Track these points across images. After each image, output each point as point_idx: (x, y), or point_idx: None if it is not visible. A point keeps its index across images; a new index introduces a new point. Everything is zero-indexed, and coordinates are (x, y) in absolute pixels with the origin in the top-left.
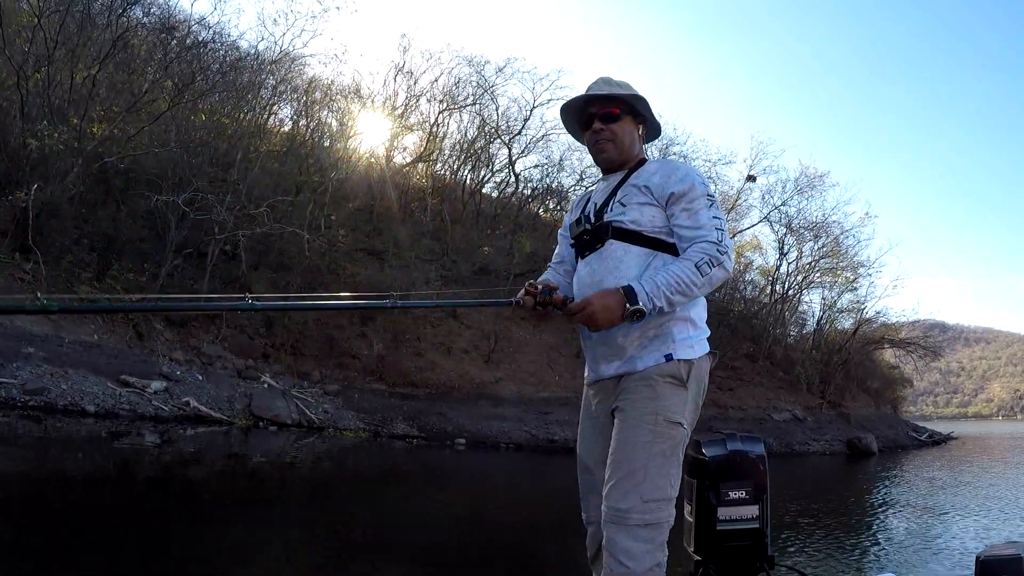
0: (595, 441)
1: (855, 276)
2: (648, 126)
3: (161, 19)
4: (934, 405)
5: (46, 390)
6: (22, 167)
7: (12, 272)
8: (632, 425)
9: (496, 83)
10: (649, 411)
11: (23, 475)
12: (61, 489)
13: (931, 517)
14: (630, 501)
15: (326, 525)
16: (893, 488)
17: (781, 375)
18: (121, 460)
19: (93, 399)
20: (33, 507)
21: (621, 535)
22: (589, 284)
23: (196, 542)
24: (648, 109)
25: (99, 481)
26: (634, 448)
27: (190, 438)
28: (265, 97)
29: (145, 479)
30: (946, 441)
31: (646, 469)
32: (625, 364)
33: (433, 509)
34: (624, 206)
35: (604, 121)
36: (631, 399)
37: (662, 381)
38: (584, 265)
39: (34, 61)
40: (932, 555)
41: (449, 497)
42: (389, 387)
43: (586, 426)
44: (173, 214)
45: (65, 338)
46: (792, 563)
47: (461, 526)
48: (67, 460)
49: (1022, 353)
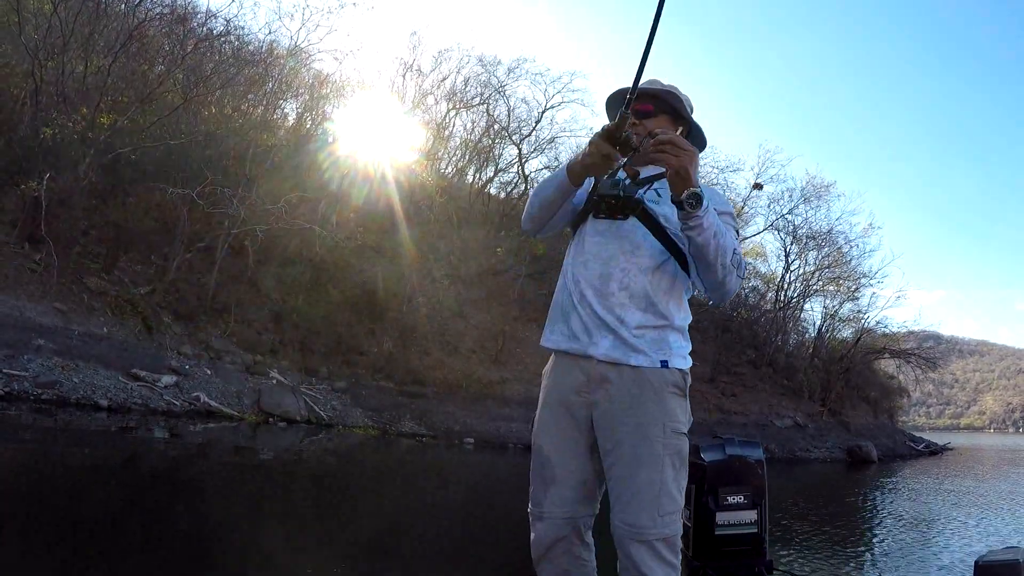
0: (562, 428)
1: (856, 286)
2: (692, 133)
3: (173, 8)
4: (927, 416)
5: (58, 383)
6: (34, 156)
7: (21, 262)
8: (643, 437)
9: (507, 82)
10: (658, 422)
11: (48, 471)
12: (95, 484)
13: (930, 525)
14: (647, 517)
15: (337, 523)
16: (894, 496)
17: (784, 382)
18: (140, 454)
19: (105, 393)
20: (50, 508)
21: (641, 551)
22: (595, 255)
23: (205, 538)
24: (687, 110)
25: (121, 476)
26: (647, 462)
27: (201, 433)
28: (273, 90)
29: (159, 474)
30: (943, 452)
31: (662, 483)
32: (617, 348)
33: (443, 508)
34: (660, 197)
35: (638, 117)
36: (636, 408)
37: (667, 391)
38: (595, 232)
39: (47, 49)
40: (930, 562)
41: (459, 496)
42: (397, 385)
43: (552, 409)
44: (184, 207)
45: (75, 330)
46: (791, 568)
47: (469, 525)
48: (89, 454)
49: (1016, 367)
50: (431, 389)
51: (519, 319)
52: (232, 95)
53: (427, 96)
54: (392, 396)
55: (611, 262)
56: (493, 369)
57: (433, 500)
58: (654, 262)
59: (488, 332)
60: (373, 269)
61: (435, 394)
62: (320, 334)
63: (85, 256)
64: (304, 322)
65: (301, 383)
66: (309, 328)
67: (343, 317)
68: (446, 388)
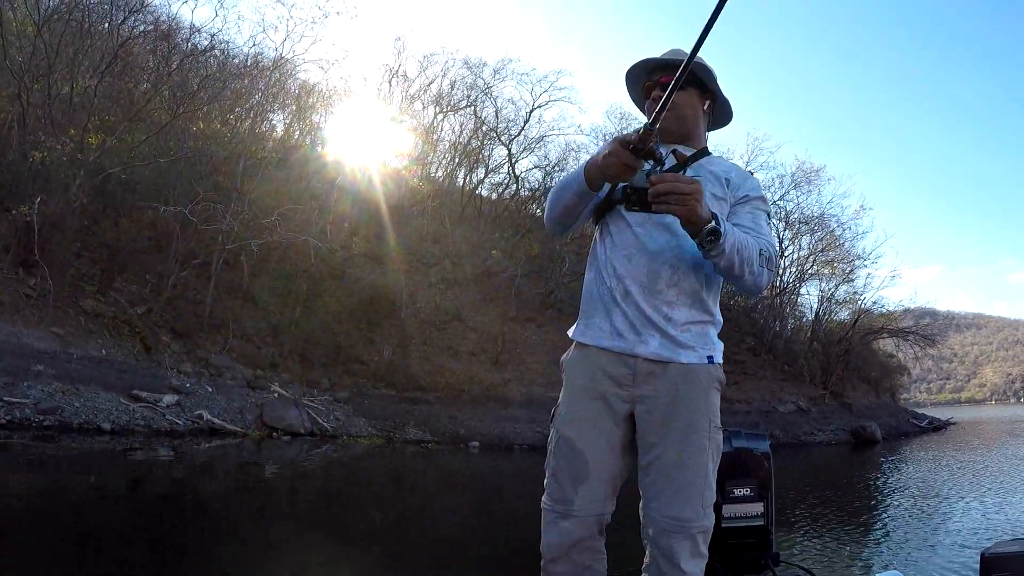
0: (598, 421)
1: (851, 268)
2: (717, 105)
3: (157, 24)
4: (927, 392)
5: (59, 409)
6: (24, 180)
7: (16, 288)
8: (693, 431)
9: (493, 84)
10: (705, 417)
11: (54, 495)
12: (101, 507)
13: (937, 509)
14: (692, 510)
15: (347, 536)
16: (899, 477)
17: (784, 367)
18: (144, 476)
19: (107, 416)
20: (57, 531)
21: (684, 545)
22: (640, 249)
23: (215, 558)
24: (715, 83)
25: (127, 499)
26: (695, 456)
27: (206, 452)
28: (260, 103)
29: (164, 494)
30: (946, 427)
31: (705, 476)
32: (666, 347)
33: (452, 512)
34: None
35: (662, 89)
36: (685, 404)
37: (712, 386)
38: (635, 223)
39: (32, 72)
40: (938, 551)
41: (470, 500)
42: (399, 392)
43: (586, 403)
44: (177, 224)
45: (73, 354)
46: (797, 560)
47: (479, 529)
48: (94, 480)
49: (1013, 338)
50: (433, 394)
51: (517, 319)
52: (219, 109)
53: (414, 101)
54: (394, 403)
55: (658, 257)
56: (494, 371)
57: (443, 506)
58: (698, 258)
59: (487, 334)
60: (369, 277)
61: (437, 399)
62: (319, 345)
63: (80, 279)
64: (302, 333)
65: (303, 395)
66: (308, 339)
67: (341, 326)
68: (448, 393)
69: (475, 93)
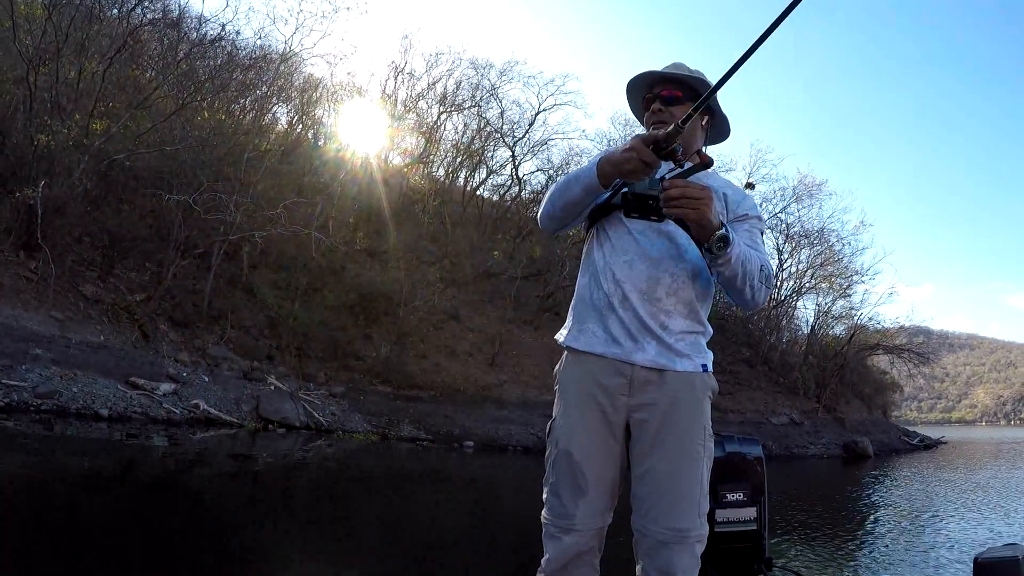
0: (595, 432)
1: (848, 283)
2: (715, 121)
3: (166, 12)
4: (918, 410)
5: (57, 393)
6: (28, 163)
7: (17, 271)
8: (688, 440)
9: (499, 85)
10: (700, 425)
11: (49, 481)
12: (95, 494)
13: (928, 520)
14: (689, 519)
15: (339, 529)
16: (891, 491)
17: (779, 380)
18: (140, 463)
19: (105, 402)
20: (51, 518)
21: (683, 555)
22: (640, 255)
23: (207, 547)
24: (714, 100)
25: (121, 486)
26: (689, 465)
27: (201, 441)
28: (264, 95)
29: (160, 483)
30: (937, 446)
31: (701, 485)
32: (663, 354)
33: (448, 512)
34: None
35: (664, 103)
36: (681, 412)
37: (705, 395)
38: (636, 230)
39: (40, 55)
40: (929, 558)
41: (465, 499)
42: (395, 389)
43: (583, 412)
44: (179, 213)
45: (72, 339)
46: (790, 565)
47: (471, 529)
48: (96, 465)
49: (1006, 360)
50: (429, 393)
51: (515, 321)
52: (224, 99)
53: (419, 99)
54: (390, 400)
55: (660, 265)
56: (491, 372)
57: (438, 504)
58: (697, 268)
59: (484, 335)
60: (368, 273)
61: (433, 398)
62: (317, 339)
63: (81, 264)
64: (300, 327)
65: (299, 389)
66: (306, 333)
67: (339, 322)
68: (444, 392)
69: (480, 94)
